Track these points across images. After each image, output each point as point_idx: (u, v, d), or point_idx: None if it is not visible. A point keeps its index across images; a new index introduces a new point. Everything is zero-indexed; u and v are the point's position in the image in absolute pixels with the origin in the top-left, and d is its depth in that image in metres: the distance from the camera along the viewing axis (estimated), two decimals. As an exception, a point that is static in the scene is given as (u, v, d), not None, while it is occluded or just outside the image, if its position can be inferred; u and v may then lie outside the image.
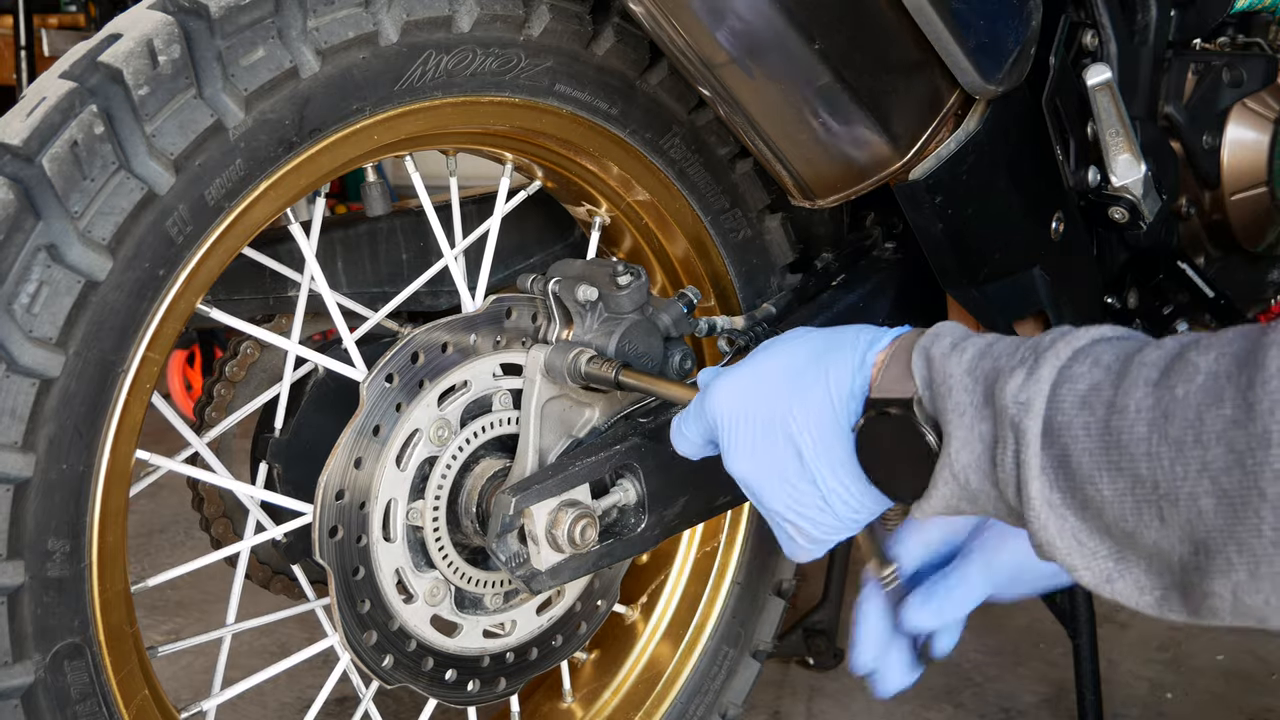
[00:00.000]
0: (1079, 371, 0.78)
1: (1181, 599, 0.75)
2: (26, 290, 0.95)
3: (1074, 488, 0.77)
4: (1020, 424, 0.79)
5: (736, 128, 1.25)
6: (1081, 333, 0.82)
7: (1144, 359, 0.76)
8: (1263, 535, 0.68)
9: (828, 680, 2.10)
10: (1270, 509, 0.67)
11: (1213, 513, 0.70)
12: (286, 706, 1.97)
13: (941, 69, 1.20)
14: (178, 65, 1.00)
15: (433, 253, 1.42)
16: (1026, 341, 0.83)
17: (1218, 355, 0.72)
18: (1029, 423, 0.78)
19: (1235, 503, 0.69)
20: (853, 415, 0.92)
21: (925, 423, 0.87)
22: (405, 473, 1.23)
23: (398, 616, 1.26)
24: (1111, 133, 1.37)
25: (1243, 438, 0.68)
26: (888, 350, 0.93)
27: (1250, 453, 0.68)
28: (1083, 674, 1.82)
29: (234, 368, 1.50)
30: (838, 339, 0.96)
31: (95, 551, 1.04)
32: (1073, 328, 0.83)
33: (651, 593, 1.61)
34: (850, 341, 0.94)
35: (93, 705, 1.05)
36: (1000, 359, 0.83)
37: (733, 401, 0.99)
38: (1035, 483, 0.78)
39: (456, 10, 1.15)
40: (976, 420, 0.83)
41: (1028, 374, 0.80)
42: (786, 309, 1.45)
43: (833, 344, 0.95)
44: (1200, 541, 0.72)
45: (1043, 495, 0.78)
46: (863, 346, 0.94)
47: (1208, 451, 0.70)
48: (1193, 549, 0.72)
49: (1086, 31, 1.41)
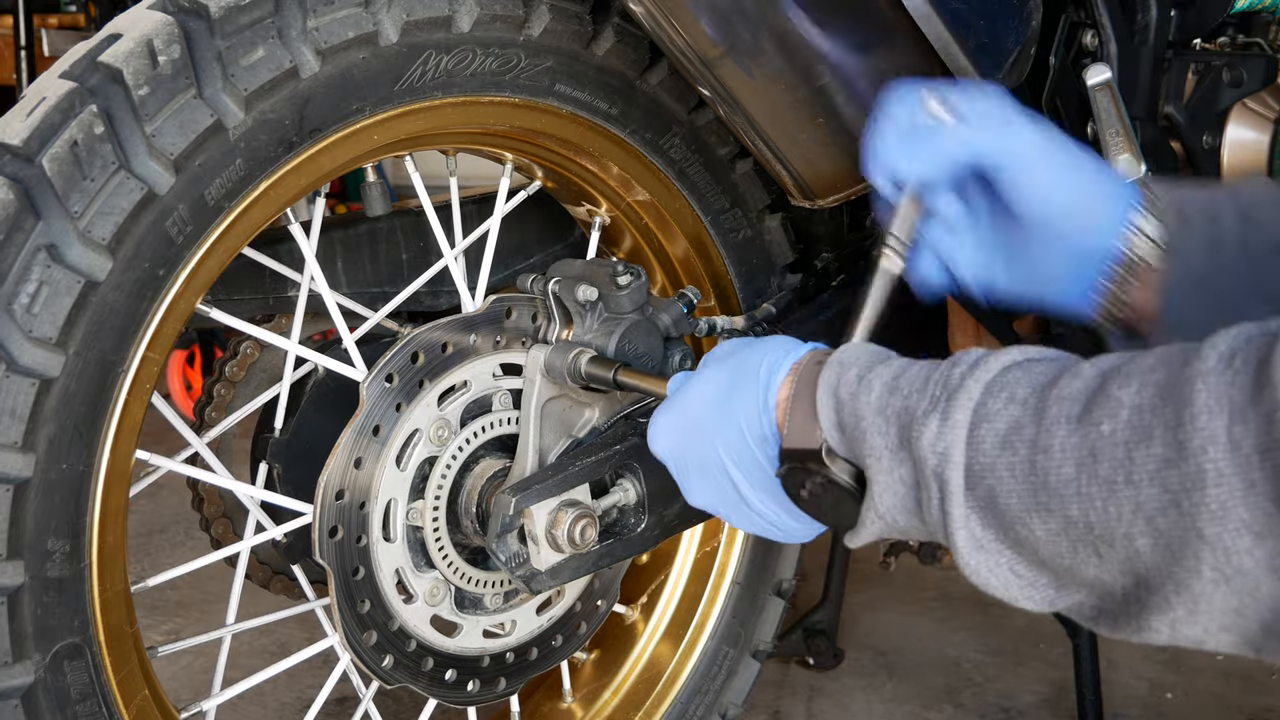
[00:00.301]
0: (995, 409, 0.76)
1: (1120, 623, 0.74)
2: (26, 290, 0.95)
3: (1004, 526, 0.76)
4: (942, 474, 0.77)
5: (736, 128, 1.25)
6: (990, 361, 0.79)
7: (1061, 393, 0.74)
8: (1202, 576, 0.67)
9: (828, 680, 2.10)
10: (1209, 549, 0.66)
11: (1150, 552, 0.69)
12: (286, 706, 1.97)
13: (941, 69, 1.20)
14: (178, 65, 1.00)
15: (433, 253, 1.42)
16: (935, 374, 0.81)
17: (1139, 387, 0.70)
18: (950, 473, 0.77)
19: (1173, 544, 0.67)
20: (771, 459, 0.92)
21: (840, 471, 0.86)
22: (405, 473, 1.23)
23: (398, 616, 1.26)
24: (1111, 133, 1.37)
25: (1176, 477, 0.66)
26: (789, 383, 0.91)
27: (1185, 493, 0.66)
28: (1083, 674, 1.82)
29: (234, 368, 1.50)
30: (742, 370, 0.94)
31: (95, 551, 1.04)
32: (980, 353, 0.81)
33: (651, 593, 1.61)
34: (752, 374, 0.93)
35: (93, 705, 1.05)
36: (910, 397, 0.81)
37: (670, 443, 1.00)
38: (960, 532, 0.77)
39: (456, 10, 1.15)
40: (894, 464, 0.81)
41: (942, 419, 0.78)
42: (786, 309, 1.45)
43: (737, 377, 0.94)
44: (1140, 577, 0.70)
45: (970, 539, 0.77)
46: (763, 384, 0.92)
47: (1140, 492, 0.68)
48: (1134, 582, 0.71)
49: (1086, 31, 1.41)
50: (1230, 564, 0.65)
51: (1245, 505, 0.64)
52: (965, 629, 2.28)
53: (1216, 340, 0.69)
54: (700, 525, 1.53)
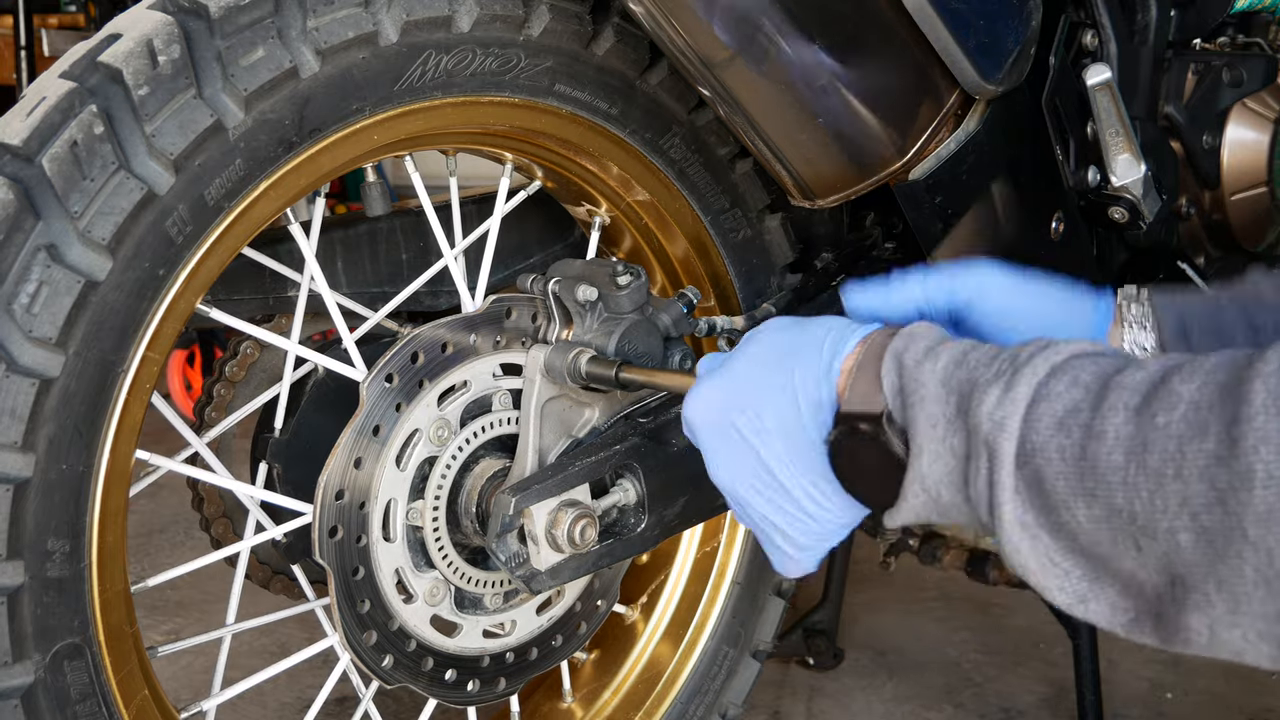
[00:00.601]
0: (1057, 390, 0.76)
1: (1154, 626, 0.74)
2: (26, 290, 0.95)
3: (1048, 509, 0.75)
4: (994, 442, 0.77)
5: (736, 128, 1.25)
6: (1062, 346, 0.79)
7: (1124, 381, 0.73)
8: (1244, 576, 0.66)
9: (828, 680, 2.10)
10: (1252, 550, 0.65)
11: (1192, 548, 0.68)
12: (286, 706, 1.97)
13: (941, 69, 1.20)
14: (177, 65, 1.00)
15: (433, 253, 1.42)
16: (1004, 352, 0.81)
17: (1201, 384, 0.70)
18: (1003, 442, 0.76)
19: (1216, 541, 0.67)
20: (823, 426, 0.89)
21: (896, 436, 0.84)
22: (405, 473, 1.23)
23: (397, 616, 1.26)
24: (1111, 133, 1.37)
25: (1225, 475, 0.66)
26: (856, 354, 0.89)
27: (1233, 492, 0.66)
28: (1083, 674, 1.82)
29: (234, 368, 1.50)
30: (803, 340, 0.92)
31: (95, 551, 1.04)
32: (1053, 340, 0.80)
33: (651, 593, 1.61)
34: (815, 344, 0.91)
35: (93, 705, 1.05)
36: (976, 370, 0.80)
37: (707, 412, 0.96)
38: (1008, 505, 0.76)
39: (456, 10, 1.15)
40: (949, 433, 0.80)
41: (1004, 390, 0.77)
42: (786, 309, 1.45)
43: (798, 346, 0.92)
44: (1178, 575, 0.70)
45: (1015, 516, 0.76)
46: (828, 352, 0.90)
47: (1188, 486, 0.68)
48: (1169, 581, 0.71)
49: (1086, 31, 1.41)
50: (1272, 567, 0.65)
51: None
52: (965, 629, 2.28)
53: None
54: (700, 525, 1.53)
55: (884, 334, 0.89)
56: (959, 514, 0.82)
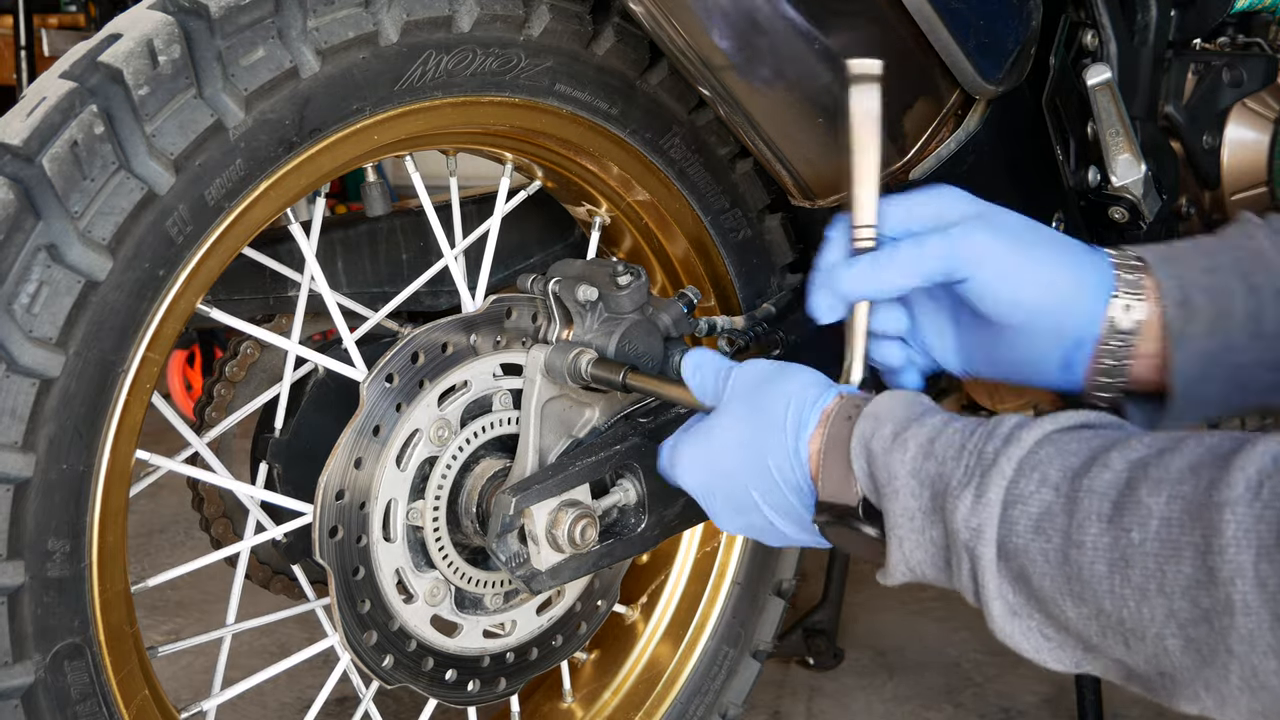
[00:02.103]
0: (1027, 490, 0.78)
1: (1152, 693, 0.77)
2: (26, 290, 0.95)
3: (1037, 600, 0.78)
4: (974, 549, 0.80)
5: (736, 128, 1.25)
6: (1024, 436, 0.81)
7: (1092, 484, 0.75)
8: (1230, 682, 0.69)
9: (828, 680, 2.10)
10: (1238, 663, 0.68)
11: (1180, 653, 0.71)
12: (286, 706, 1.97)
13: (941, 69, 1.20)
14: (178, 65, 1.00)
15: (433, 253, 1.42)
16: (969, 442, 0.83)
17: (1168, 499, 0.72)
18: (983, 549, 0.79)
19: (1203, 650, 0.70)
20: (808, 506, 0.94)
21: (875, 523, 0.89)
22: (405, 473, 1.23)
23: (398, 616, 1.26)
24: (1111, 133, 1.37)
25: (1206, 598, 0.69)
26: (820, 435, 0.92)
27: (1216, 615, 0.68)
28: (1083, 674, 1.82)
29: (234, 368, 1.50)
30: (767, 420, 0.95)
31: (95, 551, 1.04)
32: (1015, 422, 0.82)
33: (651, 593, 1.61)
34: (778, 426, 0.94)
35: (93, 705, 1.05)
36: (945, 464, 0.83)
37: (697, 479, 1.01)
38: (996, 602, 0.80)
39: (456, 10, 1.15)
40: (927, 525, 0.84)
41: (975, 496, 0.80)
42: (786, 309, 1.45)
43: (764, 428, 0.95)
44: (1167, 672, 0.73)
45: (1005, 607, 0.80)
46: (792, 434, 0.93)
47: (1173, 602, 0.70)
48: (1158, 673, 0.74)
49: (1086, 31, 1.41)
50: (1257, 679, 0.68)
51: (1273, 634, 0.67)
52: (965, 629, 2.28)
53: (1244, 462, 0.70)
54: (700, 525, 1.53)
55: (844, 411, 0.92)
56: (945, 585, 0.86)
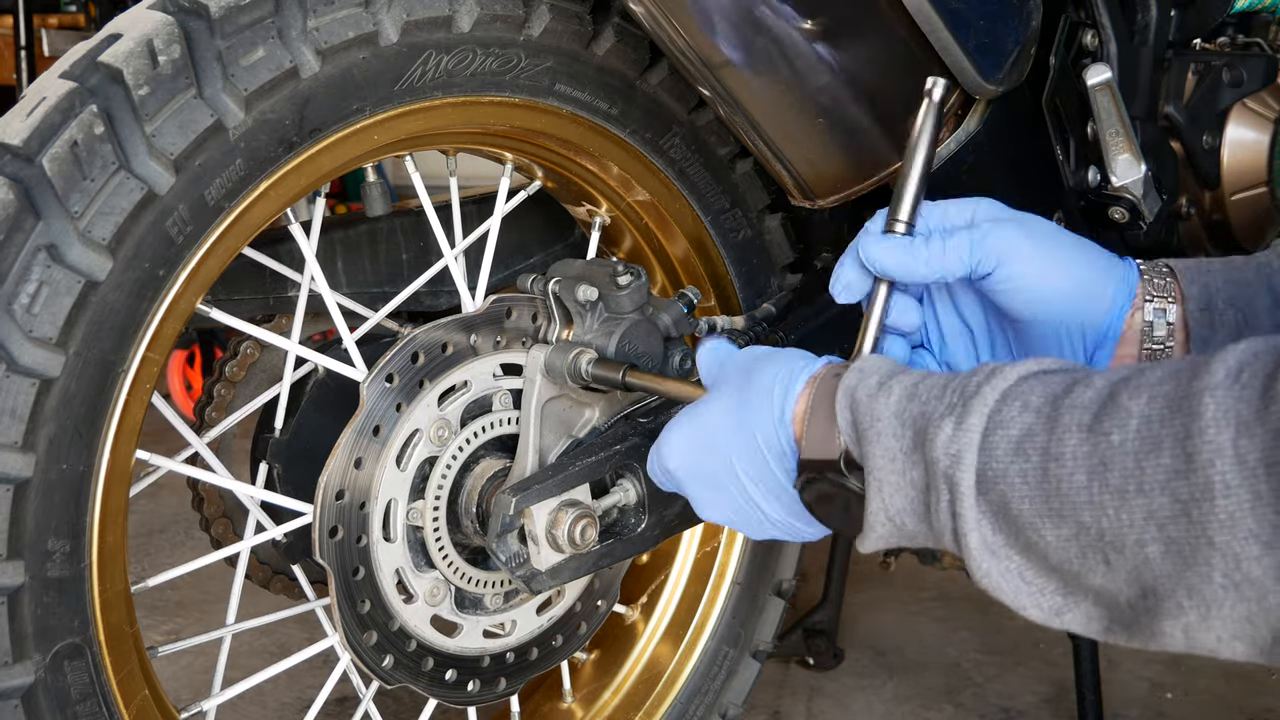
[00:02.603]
0: (1009, 416, 0.77)
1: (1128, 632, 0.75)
2: (26, 290, 0.95)
3: (1015, 531, 0.77)
4: (953, 477, 0.79)
5: (736, 128, 1.25)
6: (1008, 371, 0.81)
7: (1074, 401, 0.75)
8: (1213, 581, 0.68)
9: (828, 680, 2.10)
10: (1220, 556, 0.67)
11: (1160, 559, 0.70)
12: (286, 706, 1.97)
13: (942, 69, 1.20)
14: (178, 65, 1.00)
15: (433, 253, 1.42)
16: (953, 382, 0.83)
17: (1149, 398, 0.71)
18: (961, 475, 0.78)
19: (1184, 550, 0.69)
20: (789, 473, 0.93)
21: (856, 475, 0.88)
22: (405, 473, 1.23)
23: (398, 616, 1.26)
24: (1111, 133, 1.37)
25: (1185, 488, 0.68)
26: (806, 396, 0.92)
27: (1195, 503, 0.67)
28: (1083, 674, 1.82)
29: (234, 368, 1.50)
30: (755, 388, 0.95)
31: (95, 551, 1.04)
32: (999, 364, 0.82)
33: (651, 593, 1.61)
34: (765, 391, 0.94)
35: (93, 705, 1.05)
36: (928, 403, 0.82)
37: (683, 462, 1.00)
38: (973, 534, 0.79)
39: (456, 10, 1.15)
40: (908, 466, 0.83)
41: (956, 423, 0.79)
42: (786, 309, 1.45)
43: (751, 396, 0.95)
44: (1149, 586, 0.72)
45: (982, 542, 0.79)
46: (779, 397, 0.93)
47: (1152, 500, 0.69)
48: (1140, 592, 0.72)
49: (1086, 31, 1.41)
50: (1240, 570, 0.67)
51: (1253, 516, 0.65)
52: (965, 629, 2.28)
53: (1225, 355, 0.70)
54: (700, 525, 1.53)
55: (832, 371, 0.92)
56: (925, 540, 0.85)
